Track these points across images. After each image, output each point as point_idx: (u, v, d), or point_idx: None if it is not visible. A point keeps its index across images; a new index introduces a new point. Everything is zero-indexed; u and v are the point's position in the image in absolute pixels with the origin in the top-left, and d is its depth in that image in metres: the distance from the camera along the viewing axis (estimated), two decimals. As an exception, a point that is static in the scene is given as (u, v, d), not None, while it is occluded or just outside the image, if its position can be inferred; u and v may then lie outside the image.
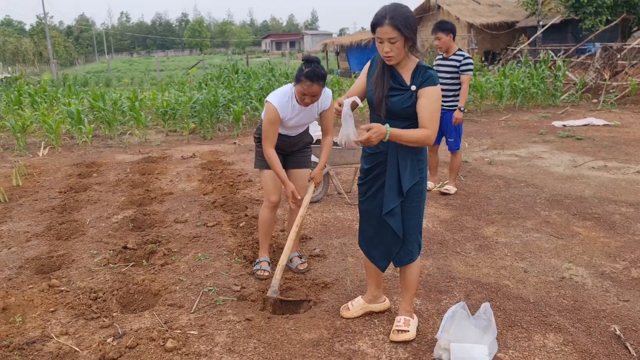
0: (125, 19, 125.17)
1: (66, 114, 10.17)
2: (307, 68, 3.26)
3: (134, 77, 28.05)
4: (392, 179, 2.82)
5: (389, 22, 2.59)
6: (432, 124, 2.68)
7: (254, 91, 12.59)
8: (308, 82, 3.26)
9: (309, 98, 3.35)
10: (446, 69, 5.62)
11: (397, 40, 2.63)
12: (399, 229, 2.88)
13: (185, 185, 6.55)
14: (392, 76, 2.79)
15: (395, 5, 2.66)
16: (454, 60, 5.58)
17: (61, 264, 4.20)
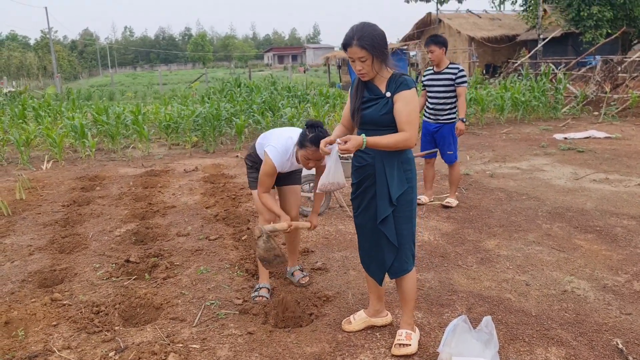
0: (129, 34, 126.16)
1: (70, 128, 10.23)
2: (312, 133, 3.23)
3: (137, 91, 28.23)
4: (382, 188, 2.88)
5: (356, 42, 2.71)
6: (409, 126, 2.75)
7: (257, 105, 12.66)
8: (313, 148, 3.22)
9: (313, 162, 3.35)
10: (440, 83, 5.65)
11: (367, 58, 2.75)
12: (393, 237, 2.92)
13: (188, 199, 6.58)
14: (367, 88, 2.90)
15: (362, 26, 2.76)
16: (448, 74, 5.61)
17: (64, 278, 4.22)
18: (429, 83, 5.74)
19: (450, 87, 5.61)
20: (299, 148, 3.33)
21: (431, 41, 5.60)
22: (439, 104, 5.72)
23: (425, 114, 5.93)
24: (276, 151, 3.42)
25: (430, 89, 5.76)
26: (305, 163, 3.36)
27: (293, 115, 11.32)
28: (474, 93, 13.01)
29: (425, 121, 5.91)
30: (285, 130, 3.61)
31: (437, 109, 5.75)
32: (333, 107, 13.78)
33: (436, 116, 5.77)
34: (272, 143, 3.46)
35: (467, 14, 28.38)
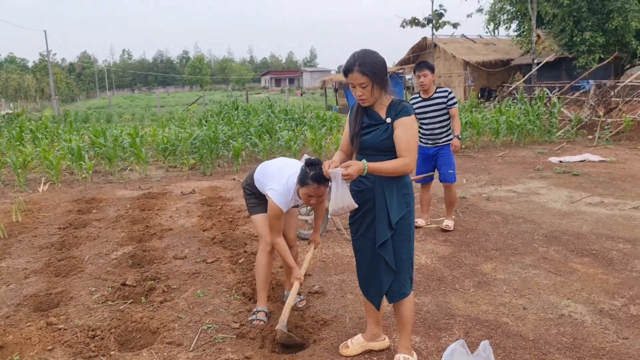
0: (127, 56, 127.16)
1: (67, 150, 10.25)
2: (312, 171, 3.29)
3: (134, 113, 28.38)
4: (382, 212, 2.91)
5: (357, 69, 2.78)
6: (409, 153, 2.81)
7: (254, 127, 12.74)
8: (315, 185, 3.30)
9: (315, 199, 3.40)
10: (433, 108, 5.70)
11: (367, 84, 2.81)
12: (392, 261, 2.94)
13: (185, 221, 6.58)
14: (367, 114, 2.95)
15: (363, 52, 2.82)
16: (439, 98, 5.68)
17: (59, 302, 4.19)
18: (420, 110, 5.75)
19: (443, 111, 5.70)
20: (300, 186, 3.39)
21: (425, 66, 5.64)
22: (435, 129, 5.77)
23: (421, 140, 5.92)
24: (279, 194, 3.48)
25: (422, 115, 5.76)
26: (307, 200, 3.41)
27: (290, 138, 11.39)
28: (470, 117, 13.13)
29: (422, 147, 5.90)
30: (283, 167, 3.65)
31: (434, 134, 5.79)
32: (330, 130, 13.88)
33: (434, 141, 5.82)
34: (274, 186, 3.51)
35: (462, 39, 28.77)
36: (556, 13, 21.47)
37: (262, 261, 3.76)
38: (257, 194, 3.78)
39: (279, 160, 3.84)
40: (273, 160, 3.85)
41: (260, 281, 3.80)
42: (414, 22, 23.86)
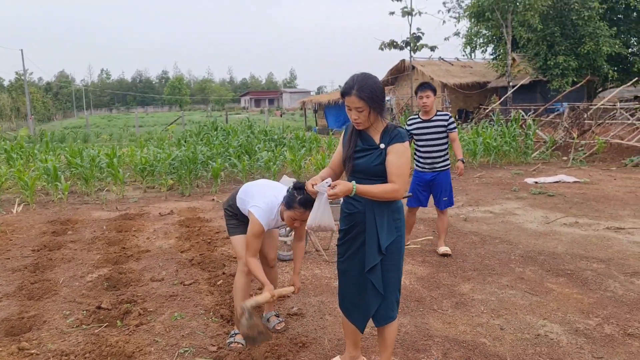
0: (106, 76, 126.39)
1: (42, 171, 10.10)
2: (300, 195, 3.31)
3: (112, 133, 28.12)
4: (372, 237, 2.89)
5: (356, 93, 2.77)
6: (399, 179, 2.82)
7: (233, 148, 12.73)
8: (302, 210, 3.31)
9: (299, 222, 3.40)
10: (433, 130, 5.56)
11: (364, 109, 2.80)
12: (380, 285, 2.92)
13: (163, 243, 6.50)
14: (361, 138, 2.94)
15: (363, 77, 2.82)
16: (439, 121, 5.56)
17: (32, 326, 4.09)
18: (419, 132, 5.61)
19: (442, 135, 5.56)
20: (285, 208, 3.39)
21: (428, 87, 5.51)
22: (433, 152, 5.62)
23: (417, 164, 5.77)
24: (262, 211, 3.44)
25: (420, 137, 5.62)
26: (291, 223, 3.41)
27: (269, 159, 11.40)
28: (447, 138, 13.29)
29: (419, 171, 5.76)
30: (267, 187, 3.66)
31: (432, 157, 5.63)
32: (309, 150, 13.93)
33: (432, 165, 5.65)
34: (257, 203, 3.48)
35: (440, 62, 29.27)
36: (530, 37, 22.04)
37: (240, 282, 3.70)
38: (238, 215, 3.74)
39: (262, 181, 3.84)
40: (257, 181, 3.84)
41: (239, 302, 3.66)
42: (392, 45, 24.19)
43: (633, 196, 8.83)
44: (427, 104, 5.48)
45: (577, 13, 20.91)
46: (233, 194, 3.83)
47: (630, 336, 3.74)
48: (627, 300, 4.39)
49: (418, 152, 5.72)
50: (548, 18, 21.73)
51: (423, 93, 5.48)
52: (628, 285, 4.73)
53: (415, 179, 5.79)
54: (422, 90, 5.50)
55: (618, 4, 22.10)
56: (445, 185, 5.68)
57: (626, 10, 22.96)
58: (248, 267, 3.53)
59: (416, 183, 5.76)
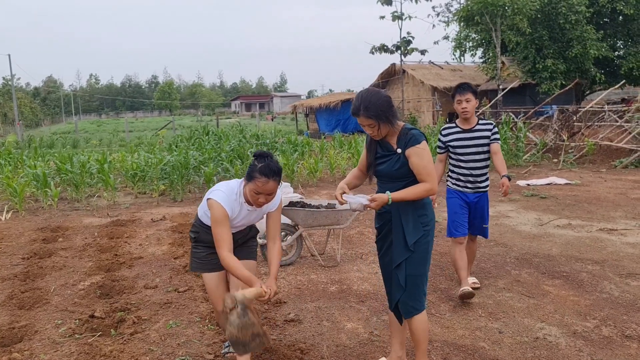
0: (95, 81, 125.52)
1: (31, 177, 9.98)
2: (261, 163, 2.93)
3: (102, 139, 27.93)
4: (398, 236, 3.05)
5: (363, 113, 2.92)
6: (430, 177, 2.96)
7: (225, 153, 12.67)
8: (263, 179, 2.90)
9: (263, 197, 2.96)
10: (474, 143, 4.47)
11: (374, 125, 2.95)
12: (403, 280, 3.06)
13: (156, 249, 6.43)
14: (380, 145, 3.10)
15: (367, 95, 2.96)
16: (482, 131, 4.48)
17: (23, 336, 4.01)
18: (457, 144, 4.50)
19: (485, 148, 4.49)
20: (247, 182, 2.99)
21: (468, 88, 4.41)
22: (476, 169, 4.52)
23: (456, 183, 4.62)
24: (221, 193, 3.02)
25: (460, 151, 4.50)
26: (255, 199, 2.97)
27: (262, 164, 11.33)
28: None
29: (458, 191, 4.61)
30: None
31: (475, 175, 4.53)
32: (302, 155, 13.89)
33: (475, 185, 4.55)
34: (214, 188, 3.10)
35: (430, 65, 29.41)
36: (519, 41, 22.19)
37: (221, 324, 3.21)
38: (200, 233, 3.24)
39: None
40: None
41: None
42: (383, 49, 24.25)
43: (624, 197, 8.88)
44: (468, 109, 4.38)
45: (565, 17, 21.09)
46: (196, 213, 3.36)
47: (629, 338, 3.73)
48: (623, 302, 4.39)
49: (456, 169, 4.58)
50: (536, 22, 21.90)
51: (462, 96, 4.38)
52: (623, 287, 4.74)
53: (454, 201, 4.62)
54: (461, 92, 4.40)
55: (604, 8, 22.31)
56: (487, 210, 4.68)
57: (612, 14, 23.19)
58: (224, 264, 2.97)
59: (457, 205, 4.60)
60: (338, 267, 5.56)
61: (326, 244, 6.15)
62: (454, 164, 4.61)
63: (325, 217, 5.45)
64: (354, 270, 5.42)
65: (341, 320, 4.16)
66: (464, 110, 4.40)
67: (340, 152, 14.14)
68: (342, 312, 4.32)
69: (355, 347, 3.67)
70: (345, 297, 4.67)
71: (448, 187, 4.69)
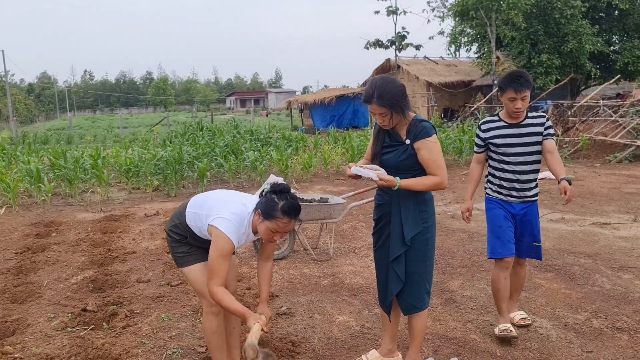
0: (89, 77, 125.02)
1: (25, 173, 9.94)
2: (282, 201, 2.69)
3: (96, 135, 27.81)
4: (396, 229, 2.99)
5: (376, 101, 2.82)
6: (440, 171, 2.90)
7: (219, 148, 12.66)
8: (286, 219, 2.68)
9: (279, 236, 2.75)
10: (523, 141, 3.60)
11: (386, 114, 2.86)
12: (402, 274, 3.01)
13: (149, 244, 6.42)
14: (389, 134, 3.01)
15: (382, 83, 2.85)
16: (533, 125, 3.61)
17: (15, 329, 4.01)
18: (501, 141, 3.64)
19: (536, 147, 3.62)
20: (263, 219, 2.71)
21: (526, 84, 3.48)
22: (524, 173, 3.64)
23: (499, 190, 3.72)
24: (229, 223, 2.70)
25: (505, 150, 3.63)
26: (270, 236, 2.75)
27: (256, 159, 11.34)
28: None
29: (501, 200, 3.72)
30: (230, 195, 2.96)
31: (522, 181, 3.64)
32: (296, 150, 13.89)
33: (522, 192, 3.66)
34: (222, 214, 2.73)
35: (425, 60, 29.41)
36: (514, 36, 22.23)
37: (210, 327, 2.97)
38: (188, 238, 2.96)
39: (219, 191, 3.07)
40: (211, 191, 3.07)
41: (214, 350, 3.01)
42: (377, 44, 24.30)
43: (617, 192, 8.92)
44: (520, 108, 3.53)
45: (560, 12, 21.13)
46: (178, 211, 3.03)
47: (619, 330, 3.76)
48: (614, 295, 4.42)
49: (498, 173, 3.72)
50: (532, 17, 21.93)
51: (518, 94, 3.47)
52: (615, 280, 4.76)
53: (497, 212, 3.72)
54: (518, 89, 3.46)
55: (600, 3, 22.39)
56: (537, 222, 3.76)
57: (608, 8, 23.27)
58: (215, 299, 2.70)
59: (502, 218, 3.69)
60: (331, 261, 5.56)
61: (319, 238, 6.16)
62: (495, 166, 3.72)
63: (318, 211, 5.45)
64: (346, 264, 5.43)
65: (333, 313, 4.17)
66: (517, 111, 3.53)
67: (335, 148, 14.14)
68: (334, 305, 4.33)
69: (346, 340, 3.68)
70: (337, 291, 4.68)
71: (487, 195, 3.81)
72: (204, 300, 2.95)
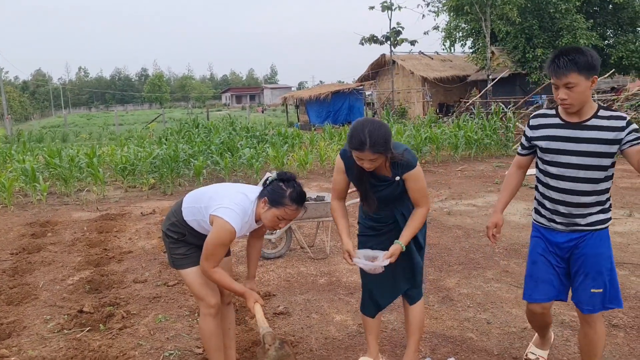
0: (84, 74, 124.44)
1: (20, 172, 9.89)
2: (290, 188, 2.74)
3: (92, 132, 27.71)
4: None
5: (370, 148, 2.62)
6: (425, 200, 2.90)
7: (215, 145, 12.63)
8: (294, 206, 2.75)
9: (284, 223, 2.80)
10: (582, 148, 2.65)
11: (379, 159, 2.69)
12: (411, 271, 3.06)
13: (145, 243, 6.41)
14: (372, 175, 2.87)
15: (372, 128, 2.64)
16: (604, 130, 2.62)
17: (11, 332, 3.99)
18: (552, 146, 2.73)
19: (601, 159, 2.66)
20: (270, 206, 2.74)
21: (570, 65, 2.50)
22: (574, 193, 2.73)
23: (540, 212, 2.90)
24: (233, 213, 2.70)
25: (550, 157, 2.75)
26: (275, 224, 2.79)
27: (252, 156, 11.32)
28: (429, 132, 13.37)
29: (542, 227, 2.91)
30: (228, 187, 2.93)
31: (569, 204, 2.75)
32: (292, 146, 13.87)
33: (569, 218, 2.77)
34: (225, 204, 2.72)
35: (420, 56, 29.39)
36: (509, 31, 22.23)
37: (208, 329, 2.96)
38: (187, 235, 2.93)
39: (215, 185, 3.03)
40: (207, 186, 3.04)
41: (212, 351, 3.01)
42: (372, 40, 24.25)
43: (612, 187, 8.92)
44: (568, 102, 2.60)
45: (555, 6, 21.12)
46: (174, 209, 2.98)
47: (615, 327, 3.77)
48: (610, 291, 4.42)
49: (540, 186, 2.88)
50: (526, 11, 21.92)
51: (559, 79, 2.56)
52: (611, 276, 4.76)
53: (536, 243, 2.95)
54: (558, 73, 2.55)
55: (594, -3, 22.40)
56: (598, 262, 2.78)
57: (602, 2, 23.27)
58: (213, 279, 2.78)
59: (540, 251, 2.91)
60: (327, 259, 5.56)
61: (315, 237, 6.16)
62: (540, 179, 2.87)
63: (315, 209, 5.45)
64: (343, 263, 5.42)
65: (330, 312, 4.17)
66: (562, 103, 2.64)
67: (331, 144, 14.13)
68: (331, 304, 4.33)
69: (344, 339, 3.68)
70: (334, 290, 4.68)
71: (533, 220, 3.00)
72: (201, 302, 2.95)
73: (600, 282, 2.76)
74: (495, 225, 3.04)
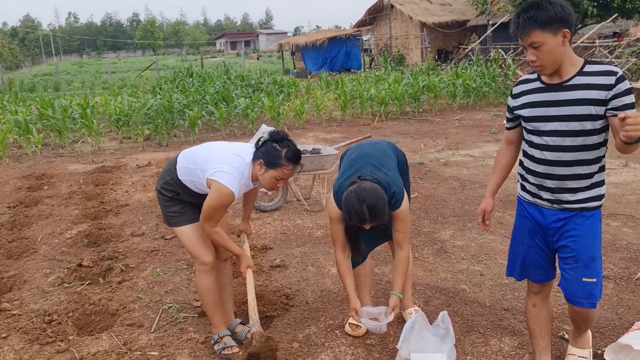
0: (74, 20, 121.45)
1: (13, 123, 9.80)
2: (284, 148, 2.74)
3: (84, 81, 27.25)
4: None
5: (371, 222, 2.64)
6: (406, 241, 2.94)
7: (210, 95, 12.47)
8: (291, 166, 2.76)
9: (282, 182, 2.84)
10: (565, 111, 2.32)
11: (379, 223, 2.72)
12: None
13: (142, 196, 6.43)
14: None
15: (370, 202, 2.57)
16: (588, 88, 2.27)
17: (12, 286, 4.06)
18: (533, 113, 2.42)
19: (589, 123, 2.31)
20: (267, 168, 2.75)
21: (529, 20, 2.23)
22: (562, 164, 2.40)
23: (525, 188, 2.63)
24: (231, 177, 2.70)
25: (533, 126, 2.44)
26: (274, 184, 2.83)
27: (247, 106, 11.21)
28: (427, 80, 13.19)
29: (527, 203, 2.64)
30: (222, 147, 2.91)
31: (557, 177, 2.42)
32: (288, 95, 13.71)
33: (556, 194, 2.46)
34: (222, 168, 2.71)
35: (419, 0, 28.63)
36: (510, -27, 21.55)
37: (204, 285, 2.99)
38: (181, 194, 2.92)
39: (209, 144, 3.00)
40: (199, 146, 3.01)
41: (207, 306, 3.04)
42: (370, -17, 23.51)
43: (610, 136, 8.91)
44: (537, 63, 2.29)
45: (558, -53, 20.42)
46: (168, 167, 2.98)
47: (605, 278, 3.84)
48: (602, 242, 4.46)
49: (525, 159, 2.60)
50: (529, -48, 21.22)
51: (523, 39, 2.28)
52: (603, 227, 4.78)
53: (520, 222, 2.71)
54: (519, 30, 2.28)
55: (600, -63, 21.58)
56: (591, 246, 2.48)
57: (608, -57, 22.47)
58: (213, 239, 2.86)
59: (526, 232, 2.66)
60: (324, 211, 5.60)
61: (312, 189, 6.17)
62: (525, 151, 2.59)
63: (310, 162, 5.43)
64: (339, 215, 5.46)
65: (326, 265, 4.23)
66: (534, 64, 2.32)
67: (327, 93, 13.96)
68: (327, 257, 4.39)
69: (339, 292, 3.75)
70: (330, 242, 4.72)
71: (518, 195, 2.74)
72: (196, 259, 2.99)
73: (593, 271, 2.44)
74: (483, 211, 2.84)
